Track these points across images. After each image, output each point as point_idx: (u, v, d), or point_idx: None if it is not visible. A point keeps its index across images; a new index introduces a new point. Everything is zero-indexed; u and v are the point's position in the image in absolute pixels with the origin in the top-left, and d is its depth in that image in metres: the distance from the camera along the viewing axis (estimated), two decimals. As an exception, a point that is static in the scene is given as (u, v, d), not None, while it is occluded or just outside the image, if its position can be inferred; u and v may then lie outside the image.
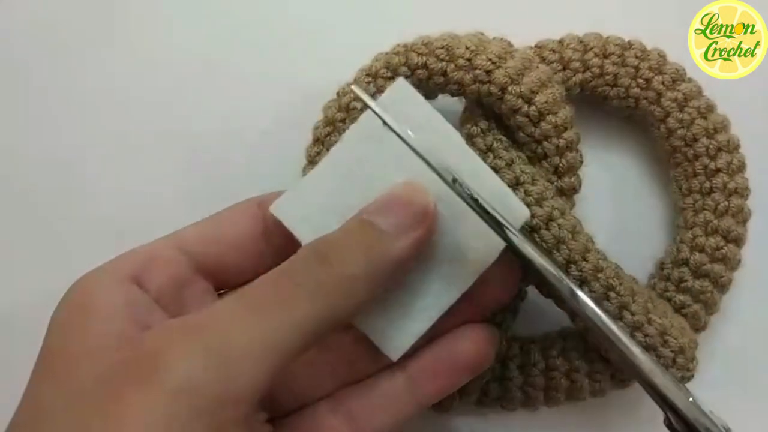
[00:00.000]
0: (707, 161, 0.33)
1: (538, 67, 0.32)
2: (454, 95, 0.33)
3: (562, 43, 0.34)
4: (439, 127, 0.29)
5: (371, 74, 0.33)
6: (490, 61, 0.31)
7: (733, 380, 0.36)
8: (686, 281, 0.33)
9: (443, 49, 0.32)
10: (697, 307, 0.33)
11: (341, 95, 0.33)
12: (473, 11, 0.36)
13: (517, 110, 0.31)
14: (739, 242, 0.33)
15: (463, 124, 0.33)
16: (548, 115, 0.31)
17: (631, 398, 0.34)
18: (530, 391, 0.33)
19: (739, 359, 0.36)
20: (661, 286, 0.34)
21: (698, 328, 0.33)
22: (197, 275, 0.30)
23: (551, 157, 0.32)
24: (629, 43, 0.34)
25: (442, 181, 0.27)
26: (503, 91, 0.31)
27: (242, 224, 0.31)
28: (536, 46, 0.34)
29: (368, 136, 0.29)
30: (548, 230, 0.31)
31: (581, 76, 0.34)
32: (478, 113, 0.33)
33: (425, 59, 0.32)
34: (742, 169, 0.33)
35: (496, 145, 0.32)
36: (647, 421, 0.29)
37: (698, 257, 0.33)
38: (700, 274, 0.33)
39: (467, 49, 0.32)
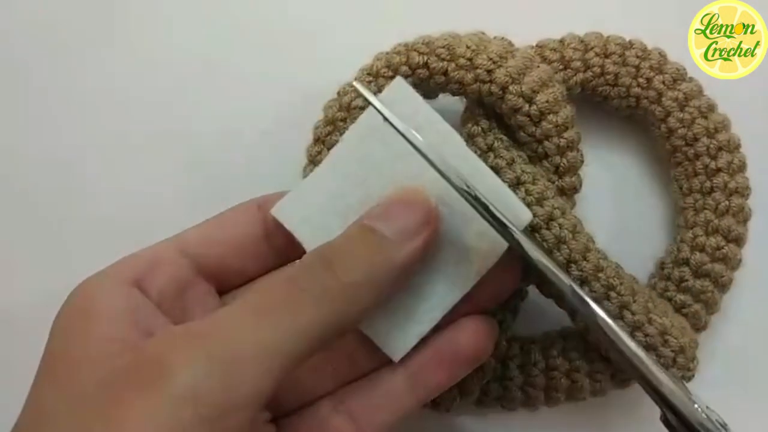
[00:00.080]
0: (708, 161, 0.33)
1: (539, 66, 0.32)
2: (454, 95, 0.33)
3: (563, 42, 0.34)
4: (438, 127, 0.29)
5: (372, 73, 0.33)
6: (491, 60, 0.31)
7: (733, 380, 0.36)
8: (687, 281, 0.33)
9: (444, 48, 0.32)
10: (697, 306, 0.33)
11: (342, 95, 0.33)
12: (474, 11, 0.36)
13: (518, 110, 0.31)
14: (739, 242, 0.33)
15: (464, 123, 0.33)
16: (549, 114, 0.31)
17: (631, 398, 0.34)
18: (530, 390, 0.33)
19: (739, 359, 0.36)
20: (661, 285, 0.34)
21: (699, 327, 0.33)
22: (199, 278, 0.30)
23: (552, 156, 0.32)
24: (630, 42, 0.34)
25: (443, 180, 0.27)
26: (504, 90, 0.31)
27: (243, 226, 0.31)
28: (537, 45, 0.34)
29: (368, 135, 0.29)
30: (549, 230, 0.31)
31: (582, 75, 0.34)
32: (478, 113, 0.33)
33: (426, 58, 0.32)
34: (742, 168, 0.33)
35: (496, 144, 0.32)
36: (647, 420, 0.29)
37: (699, 257, 0.33)
38: (700, 273, 0.33)
39: (468, 48, 0.32)
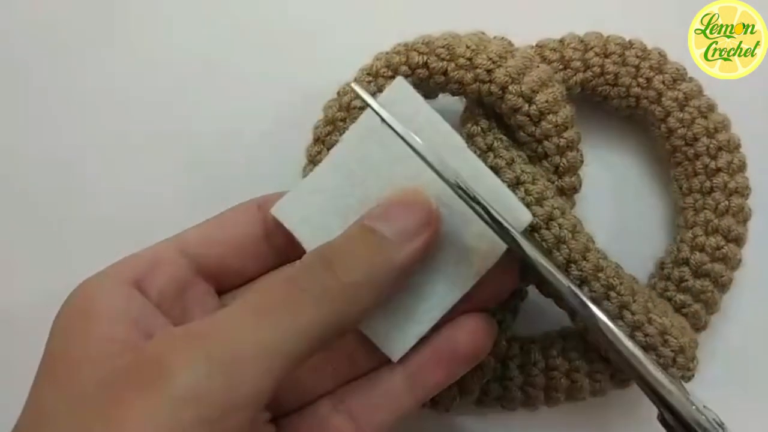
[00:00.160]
0: (708, 160, 0.33)
1: (538, 66, 0.32)
2: (454, 94, 0.33)
3: (562, 42, 0.34)
4: (438, 127, 0.29)
5: (372, 73, 0.33)
6: (490, 60, 0.31)
7: (733, 380, 0.36)
8: (687, 281, 0.33)
9: (444, 48, 0.32)
10: (697, 306, 0.33)
11: (342, 95, 0.33)
12: (474, 11, 0.36)
13: (517, 109, 0.31)
14: (739, 242, 0.33)
15: (463, 123, 0.33)
16: (549, 114, 0.31)
17: (631, 398, 0.34)
18: (530, 390, 0.33)
19: (739, 359, 0.36)
20: (661, 285, 0.34)
21: (698, 327, 0.33)
22: (198, 278, 0.30)
23: (552, 156, 0.32)
24: (630, 42, 0.34)
25: (443, 181, 0.27)
26: (504, 90, 0.31)
27: (243, 226, 0.31)
28: (537, 45, 0.34)
29: (368, 136, 0.29)
30: (549, 230, 0.31)
31: (582, 75, 0.34)
32: (478, 112, 0.33)
33: (426, 58, 0.32)
34: (742, 168, 0.33)
35: (496, 144, 0.32)
36: (647, 421, 0.29)
37: (699, 257, 0.33)
38: (700, 273, 0.33)
39: (468, 48, 0.31)
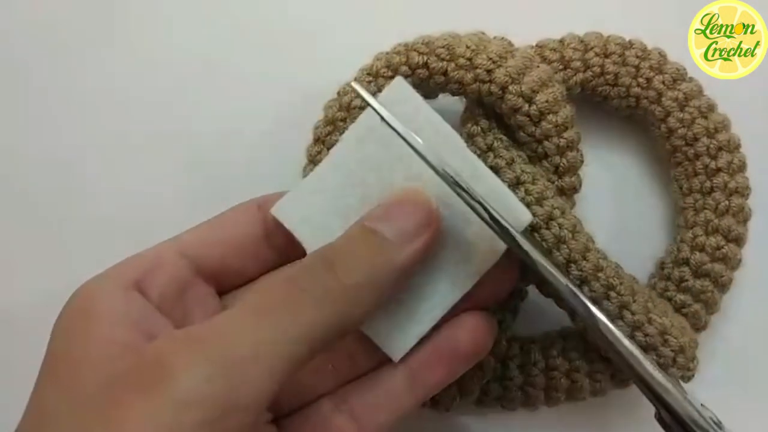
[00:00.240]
0: (708, 160, 0.33)
1: (538, 66, 0.32)
2: (454, 94, 0.33)
3: (562, 42, 0.34)
4: (438, 127, 0.29)
5: (372, 73, 0.32)
6: (490, 60, 0.31)
7: (733, 380, 0.36)
8: (687, 281, 0.33)
9: (444, 48, 0.32)
10: (697, 306, 0.33)
11: (342, 94, 0.33)
12: (474, 11, 0.36)
13: (517, 109, 0.31)
14: (739, 242, 0.33)
15: (463, 123, 0.33)
16: (549, 114, 0.31)
17: (631, 398, 0.34)
18: (530, 390, 0.33)
19: (739, 359, 0.36)
20: (661, 285, 0.34)
21: (699, 327, 0.33)
22: (199, 279, 0.29)
23: (552, 156, 0.32)
24: (630, 42, 0.34)
25: (443, 181, 0.27)
26: (504, 90, 0.31)
27: (243, 226, 0.31)
28: (537, 45, 0.34)
29: (368, 135, 0.29)
30: (549, 229, 0.31)
31: (582, 75, 0.34)
32: (478, 112, 0.33)
33: (426, 58, 0.32)
34: (742, 168, 0.33)
35: (496, 144, 0.32)
36: (647, 421, 0.29)
37: (699, 257, 0.33)
38: (700, 273, 0.33)
39: (468, 48, 0.31)
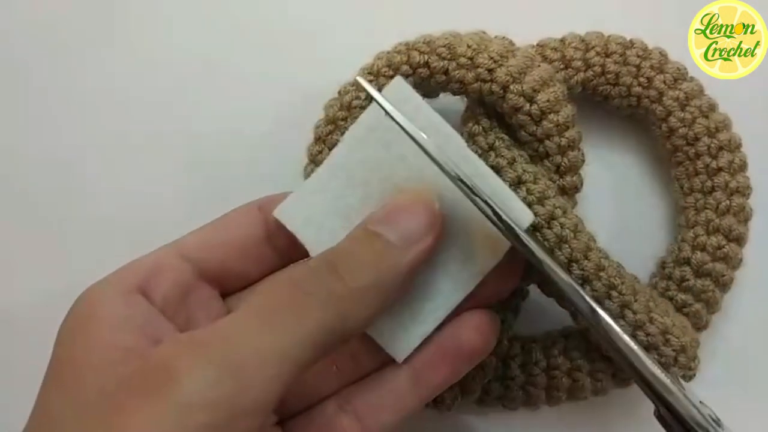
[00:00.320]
0: (709, 160, 0.33)
1: (539, 65, 0.32)
2: (455, 94, 0.33)
3: (563, 41, 0.34)
4: (439, 127, 0.29)
5: (373, 72, 0.32)
6: (492, 59, 0.31)
7: (734, 379, 0.36)
8: (688, 280, 0.33)
9: (445, 47, 0.32)
10: (698, 306, 0.33)
11: (343, 94, 0.33)
12: (475, 10, 0.36)
13: (518, 109, 0.31)
14: (740, 241, 0.33)
15: (464, 122, 0.33)
16: (550, 113, 0.31)
17: (632, 397, 0.33)
18: (532, 390, 0.33)
19: (740, 358, 0.36)
20: (662, 285, 0.34)
21: (700, 327, 0.33)
22: (201, 282, 0.29)
23: (553, 155, 0.32)
24: (631, 42, 0.34)
25: (445, 179, 0.27)
26: (505, 89, 0.31)
27: (244, 228, 0.30)
28: (538, 44, 0.34)
29: (369, 135, 0.29)
30: (550, 229, 0.31)
31: (583, 74, 0.34)
32: (479, 112, 0.33)
33: (427, 58, 0.32)
34: (743, 168, 0.33)
35: (497, 143, 0.32)
36: (648, 420, 0.29)
37: (700, 256, 0.33)
38: (701, 273, 0.33)
39: (469, 47, 0.31)
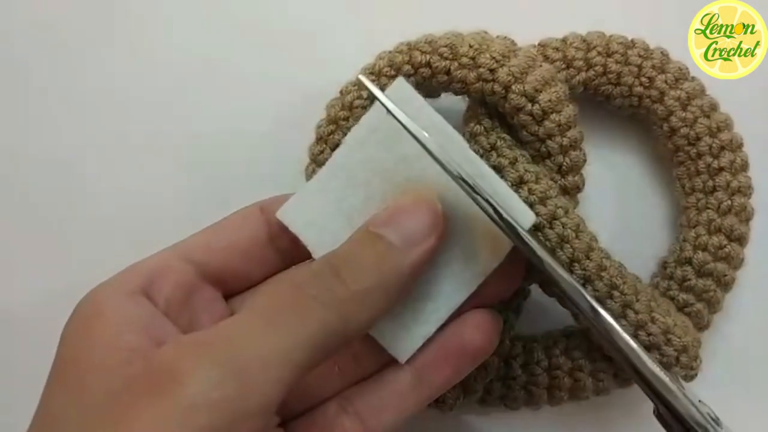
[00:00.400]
0: (710, 160, 0.33)
1: (541, 65, 0.32)
2: (457, 94, 0.33)
3: (565, 41, 0.34)
4: (440, 127, 0.29)
5: (374, 72, 0.32)
6: (493, 59, 0.31)
7: (735, 379, 0.36)
8: (689, 280, 0.33)
9: (447, 47, 0.32)
10: (700, 305, 0.33)
11: (344, 93, 0.33)
12: (477, 10, 0.36)
13: (520, 108, 0.31)
14: (742, 241, 0.33)
15: (466, 122, 0.33)
16: (552, 113, 0.31)
17: (633, 397, 0.33)
18: (533, 389, 0.33)
19: (741, 358, 0.36)
20: (664, 284, 0.34)
21: (701, 326, 0.33)
22: (204, 283, 0.29)
23: (555, 155, 0.32)
24: (632, 41, 0.34)
25: (447, 180, 0.27)
26: (507, 89, 0.31)
27: (246, 230, 0.30)
28: (539, 44, 0.34)
29: (370, 136, 0.29)
30: (552, 229, 0.31)
31: (584, 74, 0.34)
32: (481, 112, 0.33)
33: (429, 57, 0.32)
34: (745, 167, 0.33)
35: (499, 143, 0.32)
36: (649, 419, 0.29)
37: (701, 256, 0.33)
38: (703, 272, 0.33)
39: (471, 47, 0.31)
